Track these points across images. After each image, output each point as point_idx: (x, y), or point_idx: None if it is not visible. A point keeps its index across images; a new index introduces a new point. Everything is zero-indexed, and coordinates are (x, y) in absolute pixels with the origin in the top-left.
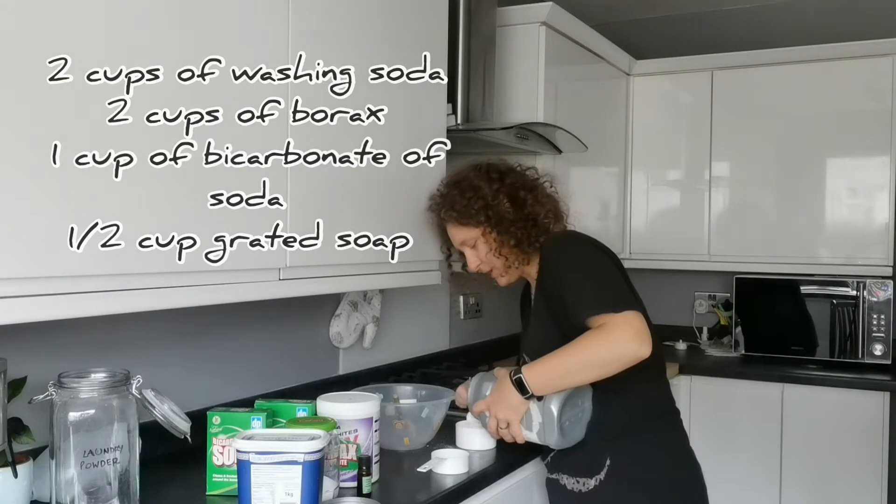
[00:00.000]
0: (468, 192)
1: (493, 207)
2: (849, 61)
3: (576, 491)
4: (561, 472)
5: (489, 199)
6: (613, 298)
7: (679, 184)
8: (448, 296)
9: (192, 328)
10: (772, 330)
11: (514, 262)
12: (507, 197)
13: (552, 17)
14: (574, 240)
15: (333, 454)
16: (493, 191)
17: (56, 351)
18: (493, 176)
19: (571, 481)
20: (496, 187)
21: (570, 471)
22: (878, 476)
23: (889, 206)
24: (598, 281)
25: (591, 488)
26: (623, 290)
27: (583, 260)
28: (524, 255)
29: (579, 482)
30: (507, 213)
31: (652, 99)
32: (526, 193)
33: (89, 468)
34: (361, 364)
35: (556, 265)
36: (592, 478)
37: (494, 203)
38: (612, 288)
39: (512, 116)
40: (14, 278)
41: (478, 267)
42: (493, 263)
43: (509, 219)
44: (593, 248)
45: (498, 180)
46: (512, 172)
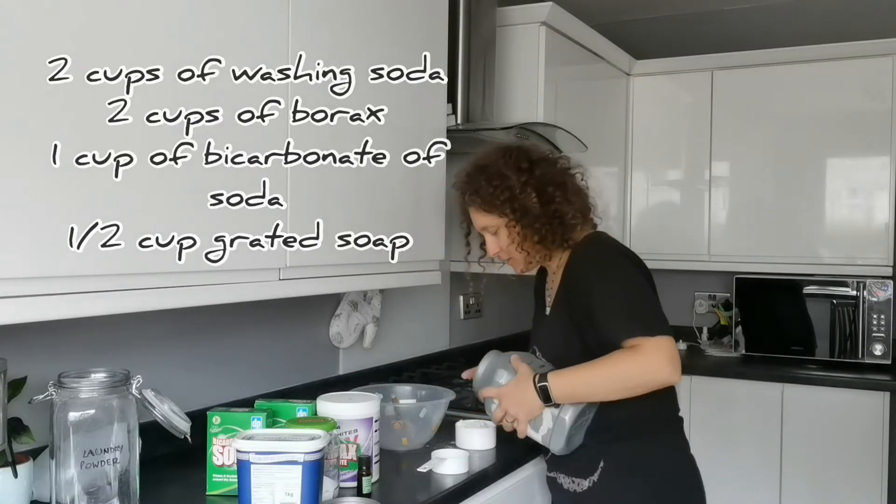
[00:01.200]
0: (495, 181)
1: (519, 200)
2: (849, 61)
3: (571, 490)
4: (559, 472)
5: (516, 191)
6: (648, 321)
7: (679, 184)
8: (448, 296)
9: (192, 328)
10: (772, 330)
11: (535, 256)
12: (534, 191)
13: (552, 17)
14: (606, 250)
15: (333, 454)
16: (521, 183)
17: (56, 351)
18: (522, 166)
19: (568, 480)
20: (524, 179)
21: (566, 470)
22: (878, 476)
23: (889, 206)
24: (631, 300)
25: (584, 489)
26: (657, 311)
27: (615, 275)
28: (546, 251)
29: (574, 482)
30: (533, 208)
31: (652, 99)
32: (555, 189)
33: (89, 468)
34: (361, 364)
35: (586, 278)
36: (586, 479)
37: (521, 196)
38: (647, 309)
39: (512, 116)
40: (14, 278)
41: (496, 254)
42: (512, 254)
43: (534, 214)
44: (625, 260)
45: (527, 171)
46: (542, 162)
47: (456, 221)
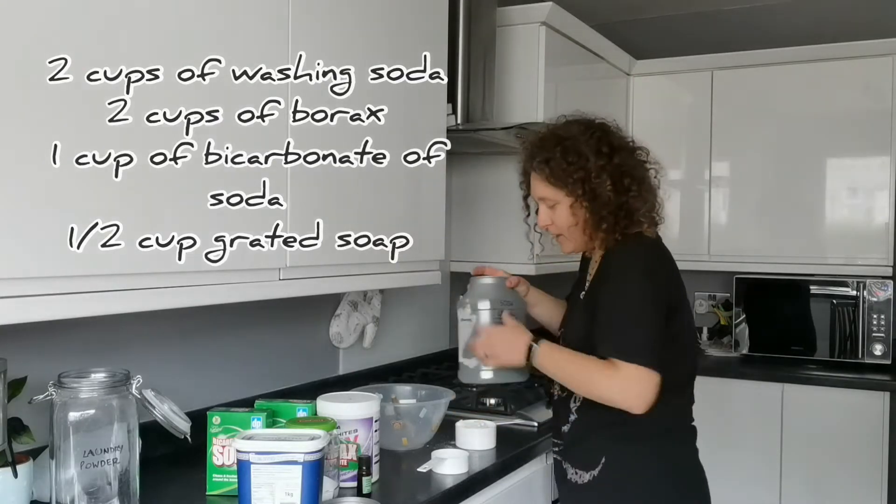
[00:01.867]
0: (571, 156)
1: (591, 183)
2: (849, 61)
3: (573, 481)
4: (566, 461)
5: (591, 173)
6: (633, 346)
7: (679, 184)
8: (448, 296)
9: (192, 328)
10: (772, 330)
11: (594, 242)
12: (610, 178)
13: (552, 17)
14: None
15: (333, 454)
16: (598, 166)
17: (56, 351)
18: (603, 149)
19: (572, 471)
20: (602, 163)
21: (572, 461)
22: (878, 476)
23: (889, 206)
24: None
25: (585, 481)
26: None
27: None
28: (605, 238)
29: (577, 473)
30: (603, 195)
31: (652, 99)
32: (631, 182)
33: (89, 468)
34: (361, 364)
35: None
36: (588, 472)
37: (595, 180)
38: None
39: (512, 116)
40: (14, 278)
41: (546, 227)
42: (570, 235)
43: (604, 201)
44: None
45: (607, 156)
46: (623, 150)
47: (456, 221)
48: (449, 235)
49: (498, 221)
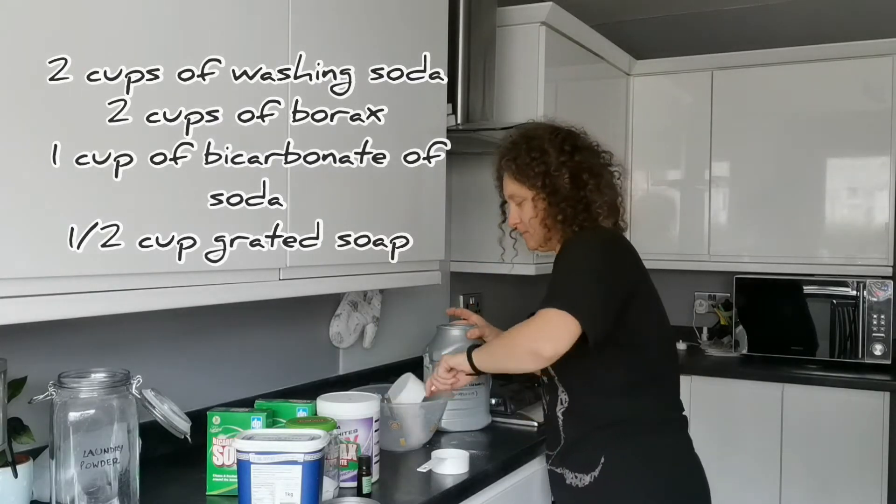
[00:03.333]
0: (534, 153)
1: (551, 177)
2: (849, 61)
3: (573, 485)
4: (564, 466)
5: (551, 168)
6: (560, 296)
7: (679, 184)
8: (448, 296)
9: (192, 328)
10: (772, 330)
11: (553, 235)
12: (569, 173)
13: (552, 17)
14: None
15: (333, 454)
16: (559, 162)
17: (56, 351)
18: (565, 147)
19: (571, 475)
20: (563, 159)
21: (571, 465)
22: (878, 476)
23: (889, 206)
24: (562, 280)
25: (586, 484)
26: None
27: (573, 259)
28: (563, 232)
29: (577, 477)
30: (563, 189)
31: (652, 99)
32: (589, 177)
33: (89, 468)
34: (361, 364)
35: (559, 261)
36: (588, 474)
37: (555, 174)
38: (571, 289)
39: (512, 116)
40: (14, 278)
41: (515, 224)
42: (531, 228)
43: (563, 195)
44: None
45: (568, 153)
46: (585, 150)
47: (456, 221)
48: (449, 235)
49: (498, 221)
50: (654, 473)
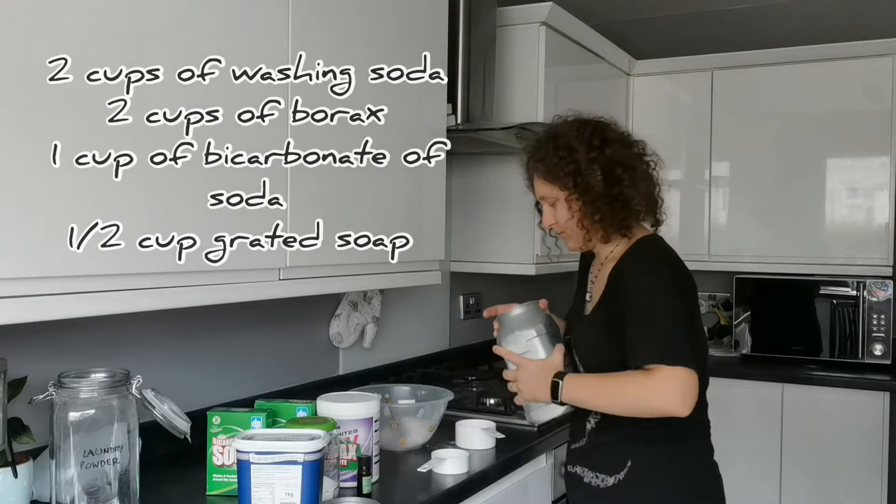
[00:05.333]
0: (562, 151)
1: (583, 176)
2: (849, 61)
3: (593, 485)
4: (583, 466)
5: (582, 166)
6: (671, 349)
7: (679, 184)
8: (448, 296)
9: (192, 328)
10: (772, 330)
11: (593, 236)
12: (601, 169)
13: (552, 17)
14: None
15: (333, 454)
16: (589, 159)
17: (56, 351)
18: (594, 142)
19: (591, 475)
20: (593, 155)
21: (591, 465)
22: (878, 476)
23: (889, 206)
24: (663, 327)
25: (609, 485)
26: (683, 339)
27: (652, 293)
28: (605, 232)
29: (598, 477)
30: (596, 186)
31: (652, 99)
32: (623, 171)
33: (89, 468)
34: (361, 364)
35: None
36: (612, 476)
37: (587, 172)
38: (674, 337)
39: (512, 116)
40: (14, 278)
41: (550, 225)
42: (567, 229)
43: (597, 192)
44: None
45: (597, 148)
46: (616, 143)
47: (456, 221)
48: (449, 235)
49: (498, 221)
50: (679, 479)
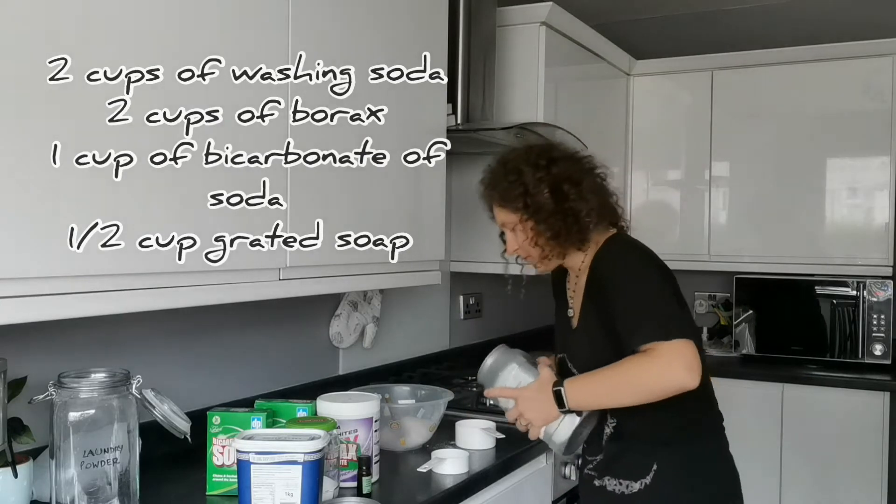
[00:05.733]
0: (511, 175)
1: (532, 196)
2: (849, 61)
3: (617, 493)
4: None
5: (529, 186)
6: (665, 324)
7: (679, 184)
8: (448, 296)
9: (192, 328)
10: (772, 330)
11: (550, 253)
12: (548, 187)
13: (552, 17)
14: (627, 252)
15: (333, 454)
16: (536, 179)
17: (56, 351)
18: (540, 162)
19: (615, 482)
20: (540, 175)
21: (616, 474)
22: (878, 476)
23: (889, 206)
24: (651, 303)
25: (634, 491)
26: (675, 313)
27: (636, 278)
28: (561, 248)
29: (622, 484)
30: (546, 204)
31: (652, 99)
32: (570, 187)
33: (89, 468)
34: (361, 364)
35: (609, 283)
36: (637, 481)
37: (534, 192)
38: (665, 312)
39: (512, 116)
40: (14, 278)
41: (514, 251)
42: (528, 251)
43: (548, 210)
44: (646, 260)
45: (544, 168)
46: (563, 160)
47: (456, 221)
48: (449, 235)
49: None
50: (703, 479)
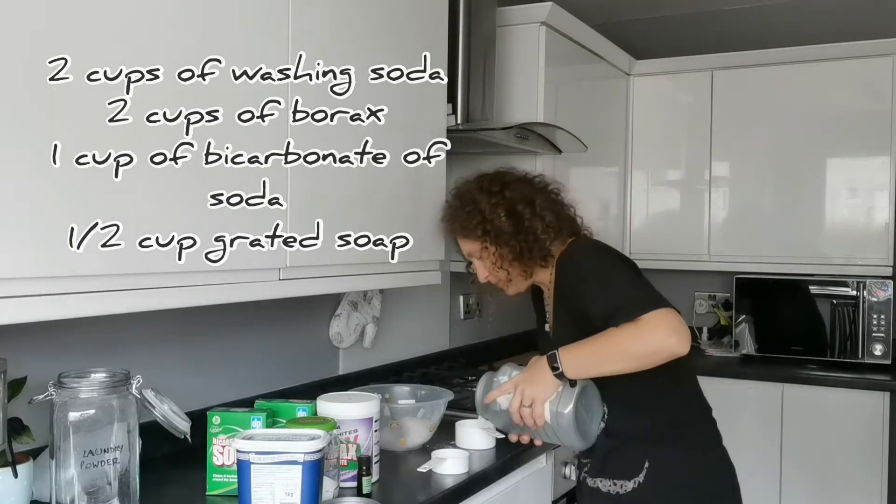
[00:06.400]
0: (468, 206)
1: (490, 222)
2: (849, 61)
3: (612, 493)
4: (602, 477)
5: (486, 213)
6: (643, 300)
7: (679, 184)
8: (448, 296)
9: (192, 328)
10: (772, 330)
11: (515, 274)
12: (504, 211)
13: (552, 17)
14: (583, 251)
15: (333, 454)
16: (491, 205)
17: (56, 351)
18: (493, 189)
19: (608, 483)
20: (494, 201)
21: (609, 474)
22: (878, 476)
23: (889, 206)
24: (620, 287)
25: (628, 490)
26: (649, 290)
27: (599, 268)
28: (526, 268)
29: (616, 484)
30: (504, 228)
31: (652, 99)
32: (524, 207)
33: (89, 468)
34: (361, 364)
35: (573, 278)
36: (631, 480)
37: (491, 217)
38: (638, 290)
39: (512, 116)
40: (14, 278)
41: (486, 278)
42: (497, 276)
43: (508, 233)
44: (604, 253)
45: (498, 193)
46: (515, 183)
47: None
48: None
49: None
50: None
